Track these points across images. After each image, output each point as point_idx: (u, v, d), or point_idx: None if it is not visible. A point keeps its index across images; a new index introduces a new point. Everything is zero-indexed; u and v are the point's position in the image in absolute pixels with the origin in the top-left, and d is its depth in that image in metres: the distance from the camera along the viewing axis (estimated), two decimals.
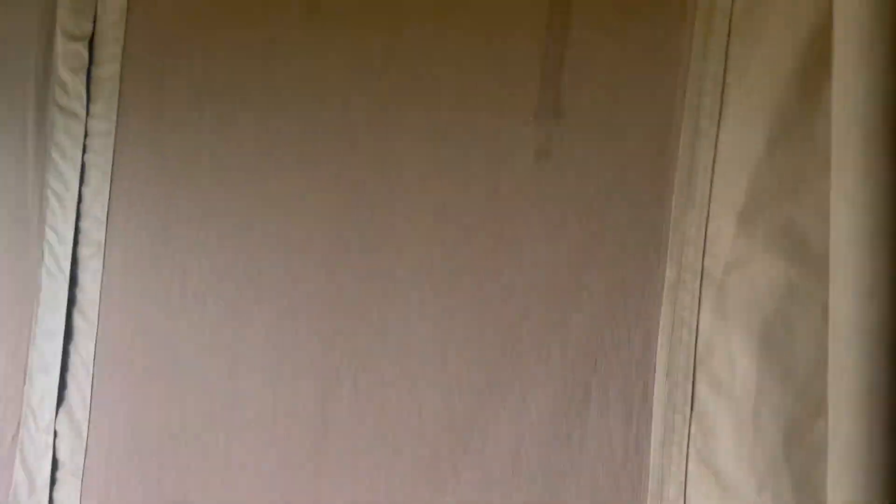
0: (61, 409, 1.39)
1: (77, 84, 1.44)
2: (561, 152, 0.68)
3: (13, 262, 1.66)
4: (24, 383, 1.51)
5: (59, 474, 1.33)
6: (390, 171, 0.80)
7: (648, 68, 0.65)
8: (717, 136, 0.60)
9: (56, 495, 1.31)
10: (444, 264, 0.73)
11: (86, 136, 1.41)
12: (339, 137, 0.87)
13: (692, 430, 0.60)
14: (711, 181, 0.61)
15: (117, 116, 1.32)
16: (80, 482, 1.29)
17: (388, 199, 0.80)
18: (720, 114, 0.60)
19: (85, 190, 1.40)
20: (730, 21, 0.60)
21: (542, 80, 0.67)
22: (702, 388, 0.61)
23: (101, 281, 1.32)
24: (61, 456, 1.35)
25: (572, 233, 0.67)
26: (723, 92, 0.60)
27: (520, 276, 0.67)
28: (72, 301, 1.40)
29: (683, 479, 0.62)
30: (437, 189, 0.74)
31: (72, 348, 1.39)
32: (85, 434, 1.32)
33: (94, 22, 1.42)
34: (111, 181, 1.32)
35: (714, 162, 0.60)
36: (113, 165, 1.32)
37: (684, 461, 0.61)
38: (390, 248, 0.79)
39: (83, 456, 1.30)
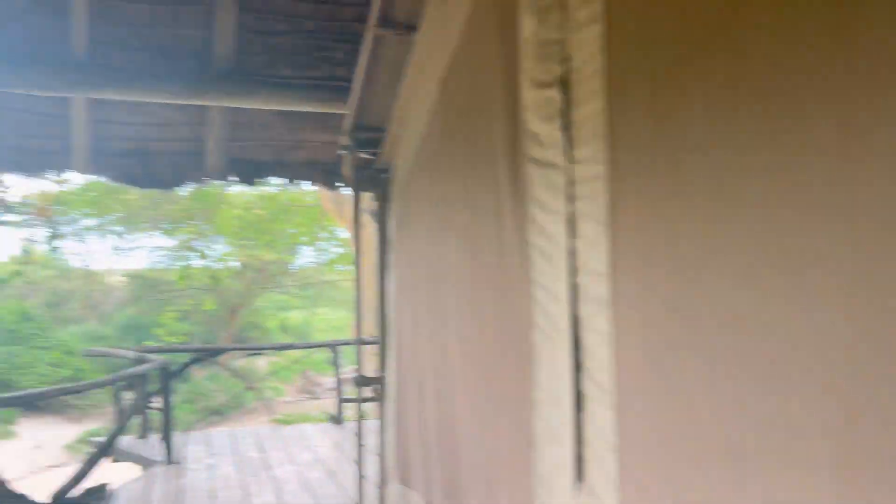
0: (581, 485, 1.26)
1: (552, 132, 1.35)
2: None
3: (503, 324, 1.66)
4: (531, 453, 1.46)
5: None
6: None
7: None
8: None
9: None
10: None
11: (569, 184, 1.30)
12: None
13: None
14: None
15: (608, 157, 1.16)
16: None
17: None
18: None
19: (577, 243, 1.28)
20: None
21: None
22: None
23: (614, 342, 1.16)
24: None
25: None
26: None
27: None
28: (577, 365, 1.27)
29: None
30: None
31: (584, 417, 1.26)
32: None
33: (565, 62, 1.32)
34: (609, 229, 1.17)
35: None
36: (609, 212, 1.16)
37: None
38: None
39: None
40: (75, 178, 12.38)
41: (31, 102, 3.49)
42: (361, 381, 2.71)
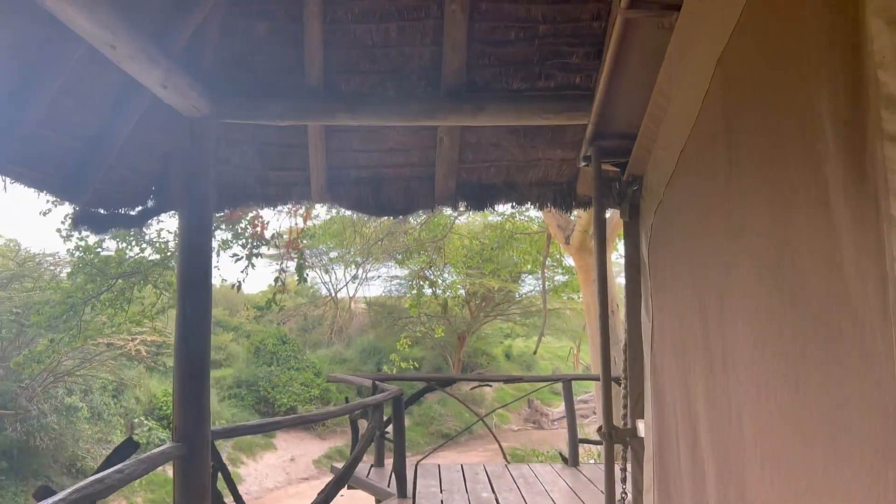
0: None
1: None
2: None
3: (837, 375, 1.18)
4: None
5: None
6: None
7: None
8: None
9: None
10: None
11: None
12: None
13: None
14: None
15: None
16: None
17: None
18: None
19: None
20: None
21: None
22: None
23: None
24: None
25: None
26: None
27: None
28: None
29: None
30: None
31: None
32: None
33: None
34: None
35: None
36: None
37: None
38: None
39: None
40: (321, 214, 13.50)
41: (273, 134, 3.61)
42: (611, 436, 2.29)
